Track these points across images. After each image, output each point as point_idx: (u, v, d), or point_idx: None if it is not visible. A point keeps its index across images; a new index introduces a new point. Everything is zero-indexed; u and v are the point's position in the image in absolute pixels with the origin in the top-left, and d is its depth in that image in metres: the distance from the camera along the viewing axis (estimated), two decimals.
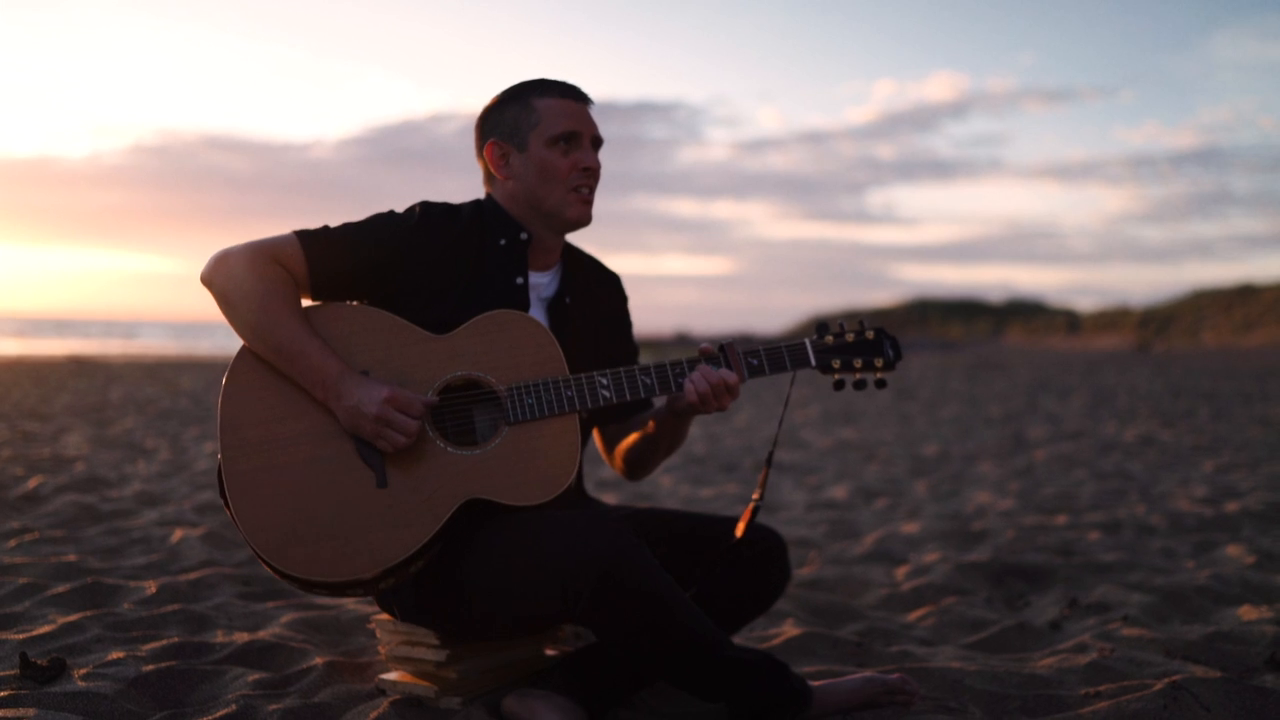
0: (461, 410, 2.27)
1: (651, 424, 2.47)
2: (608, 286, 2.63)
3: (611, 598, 2.05)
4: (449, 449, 2.21)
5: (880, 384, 2.38)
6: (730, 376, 2.29)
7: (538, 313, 2.44)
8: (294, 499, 2.13)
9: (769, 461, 2.49)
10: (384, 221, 2.33)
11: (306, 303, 2.29)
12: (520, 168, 2.39)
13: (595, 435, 2.63)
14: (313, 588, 2.18)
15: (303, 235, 2.27)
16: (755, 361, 2.34)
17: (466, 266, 2.35)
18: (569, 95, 2.40)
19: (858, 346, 2.39)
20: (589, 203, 2.41)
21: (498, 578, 2.17)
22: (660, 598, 2.09)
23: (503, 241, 2.39)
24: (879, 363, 2.39)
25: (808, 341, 2.39)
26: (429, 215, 2.35)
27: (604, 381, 2.28)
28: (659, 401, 2.54)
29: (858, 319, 2.42)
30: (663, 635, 2.10)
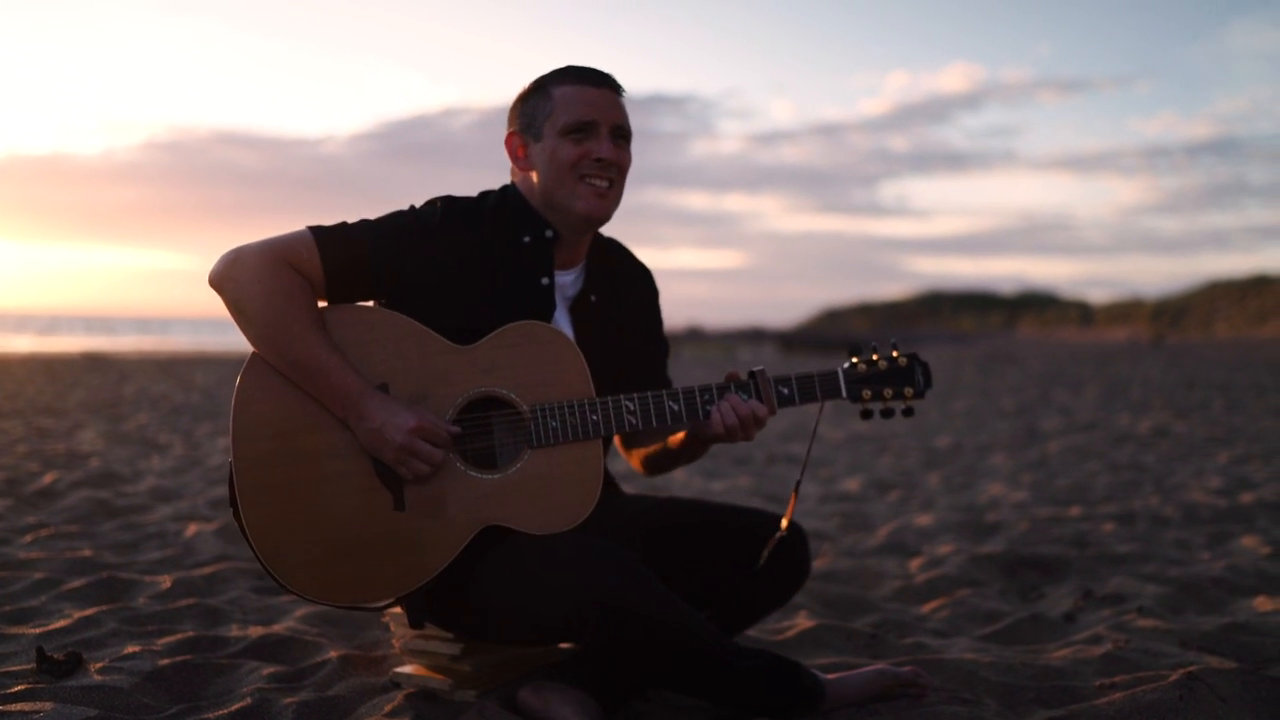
0: (483, 427, 2.20)
1: (673, 439, 2.42)
2: (637, 281, 2.53)
3: (616, 627, 2.04)
4: (469, 472, 2.16)
5: (908, 412, 2.35)
6: (760, 409, 2.26)
7: (562, 312, 2.35)
8: (308, 518, 2.10)
9: (796, 489, 2.48)
10: (405, 221, 2.23)
11: (322, 304, 2.18)
12: (536, 159, 2.28)
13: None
14: (321, 603, 2.17)
15: (318, 232, 2.16)
16: (785, 391, 2.29)
17: (491, 266, 2.25)
18: (587, 81, 2.26)
19: (889, 375, 2.36)
20: (605, 196, 2.26)
21: (505, 600, 2.16)
22: (666, 624, 2.06)
23: (527, 239, 2.29)
24: (909, 392, 2.36)
25: (840, 371, 2.34)
26: (451, 214, 2.26)
27: (630, 406, 2.22)
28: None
29: (891, 341, 2.38)
30: (670, 658, 2.10)
